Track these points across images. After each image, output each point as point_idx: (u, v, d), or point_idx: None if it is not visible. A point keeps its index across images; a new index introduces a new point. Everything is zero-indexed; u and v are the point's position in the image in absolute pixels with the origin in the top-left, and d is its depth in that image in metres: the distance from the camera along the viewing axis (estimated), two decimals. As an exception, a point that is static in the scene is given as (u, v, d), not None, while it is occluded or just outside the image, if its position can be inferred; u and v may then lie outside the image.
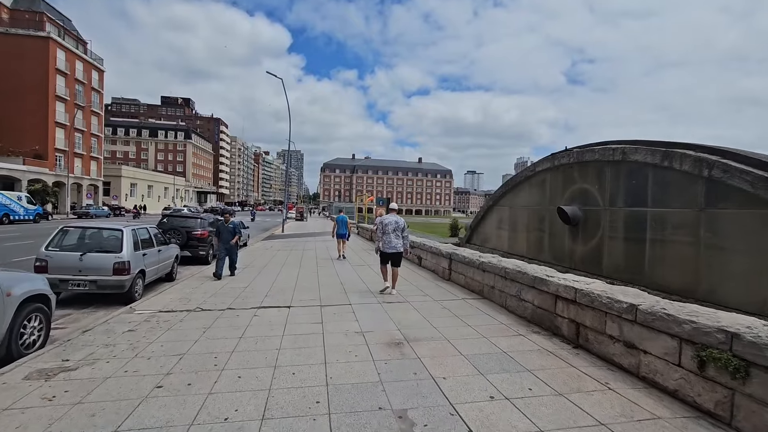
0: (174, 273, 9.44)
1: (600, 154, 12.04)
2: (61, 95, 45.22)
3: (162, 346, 4.58)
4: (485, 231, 19.51)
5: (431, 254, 10.67)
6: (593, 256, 12.19)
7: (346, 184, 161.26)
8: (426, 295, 7.56)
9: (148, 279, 7.81)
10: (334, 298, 7.32)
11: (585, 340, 4.58)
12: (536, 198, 15.48)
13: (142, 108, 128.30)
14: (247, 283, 8.78)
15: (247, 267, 11.48)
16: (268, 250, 16.66)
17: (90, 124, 51.11)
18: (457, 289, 8.23)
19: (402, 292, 7.78)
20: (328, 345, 4.64)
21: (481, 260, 7.37)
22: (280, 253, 15.12)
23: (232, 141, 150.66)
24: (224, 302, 6.89)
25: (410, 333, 5.13)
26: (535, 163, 15.42)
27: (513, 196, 17.05)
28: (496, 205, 18.43)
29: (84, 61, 49.41)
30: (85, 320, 6.22)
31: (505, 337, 5.02)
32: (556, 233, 14.16)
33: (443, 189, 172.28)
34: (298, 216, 53.61)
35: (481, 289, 7.43)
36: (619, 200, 11.45)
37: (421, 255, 11.70)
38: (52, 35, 43.43)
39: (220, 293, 7.68)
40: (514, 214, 16.84)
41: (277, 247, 18.07)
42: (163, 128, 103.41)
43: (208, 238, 12.26)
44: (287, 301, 7.03)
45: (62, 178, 43.90)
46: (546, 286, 5.27)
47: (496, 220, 18.42)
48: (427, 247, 10.95)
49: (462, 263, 8.34)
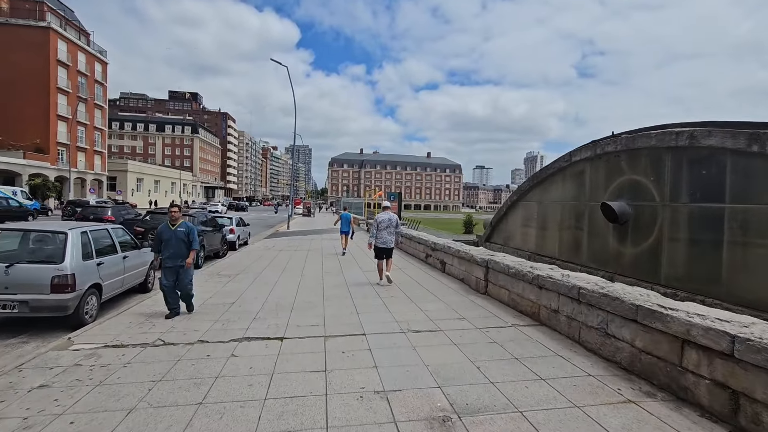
0: (150, 283, 7.81)
1: (657, 139, 10.10)
2: (63, 87, 44.01)
3: (72, 424, 2.89)
4: (508, 228, 17.64)
5: (459, 260, 8.88)
6: (647, 261, 10.33)
7: (354, 179, 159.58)
8: (462, 319, 5.79)
9: (108, 294, 6.16)
10: (343, 320, 5.60)
11: (753, 420, 2.79)
12: (572, 192, 13.58)
13: (150, 102, 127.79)
14: (235, 297, 7.10)
15: (242, 273, 9.83)
16: (269, 250, 15.02)
17: (93, 117, 49.96)
18: (500, 308, 6.44)
19: (431, 314, 6.03)
20: (333, 426, 2.91)
21: (536, 273, 5.56)
22: (282, 255, 13.46)
23: (240, 135, 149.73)
24: (198, 328, 5.21)
25: (458, 395, 3.38)
26: (571, 152, 13.49)
27: (542, 190, 15.15)
28: (522, 200, 16.54)
29: (86, 53, 48.14)
30: (5, 357, 4.58)
31: (606, 406, 3.24)
32: (598, 233, 12.30)
33: (452, 184, 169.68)
34: (305, 212, 52.36)
35: (536, 311, 5.64)
36: (683, 194, 9.55)
37: (445, 260, 9.91)
38: (52, 25, 42.14)
39: (199, 312, 6.02)
40: (544, 210, 14.96)
41: (279, 246, 16.43)
42: (170, 123, 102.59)
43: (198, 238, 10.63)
44: (281, 327, 5.32)
45: (64, 172, 42.81)
46: (662, 323, 3.47)
47: (521, 216, 16.54)
48: (453, 250, 9.16)
49: (505, 275, 6.54)
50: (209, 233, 11.85)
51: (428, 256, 11.57)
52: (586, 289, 4.51)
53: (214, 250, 12.75)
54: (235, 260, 12.18)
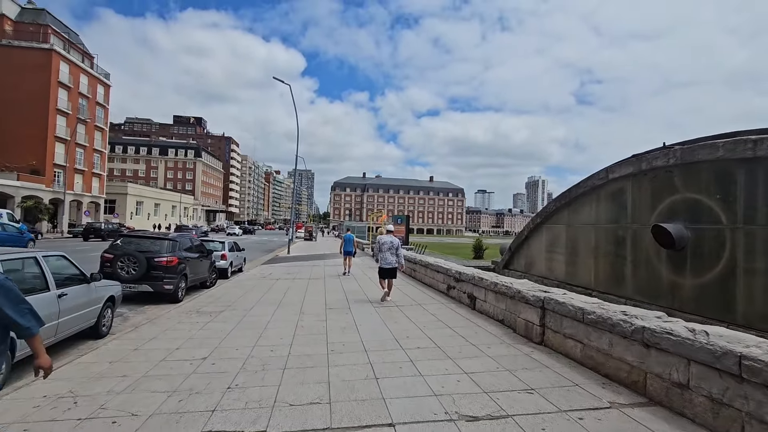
0: (103, 326, 6.05)
1: (727, 149, 8.49)
2: (63, 109, 43.36)
3: None
4: (531, 254, 15.89)
5: (496, 295, 7.11)
6: (715, 295, 8.57)
7: (356, 202, 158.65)
8: (530, 390, 3.98)
9: (23, 352, 4.38)
10: (357, 391, 3.81)
11: None
12: (609, 213, 11.96)
13: (154, 127, 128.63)
14: (211, 348, 5.34)
15: (228, 308, 8.08)
16: (265, 278, 13.26)
17: (93, 139, 49.18)
18: (573, 369, 4.62)
19: (480, 379, 4.23)
20: None
21: (638, 324, 3.79)
22: (278, 284, 11.71)
23: (243, 160, 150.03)
24: (140, 410, 3.45)
25: None
26: (608, 169, 11.90)
27: (572, 211, 13.50)
28: (547, 223, 14.87)
29: (89, 75, 47.85)
30: None
31: None
32: (645, 260, 10.59)
33: (455, 208, 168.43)
34: (306, 235, 50.87)
35: (638, 381, 3.86)
36: (762, 215, 7.90)
37: (475, 294, 8.13)
38: (55, 47, 41.89)
39: (151, 376, 4.27)
40: (574, 234, 13.27)
41: (277, 273, 14.68)
42: (173, 146, 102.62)
43: (177, 266, 8.95)
44: (265, 407, 3.54)
45: (60, 194, 41.56)
46: None
47: (546, 241, 14.84)
48: (488, 283, 7.40)
49: (575, 320, 4.78)
50: (193, 260, 10.17)
51: (451, 288, 9.81)
52: (757, 360, 2.78)
53: (200, 279, 11.01)
54: (224, 291, 10.44)
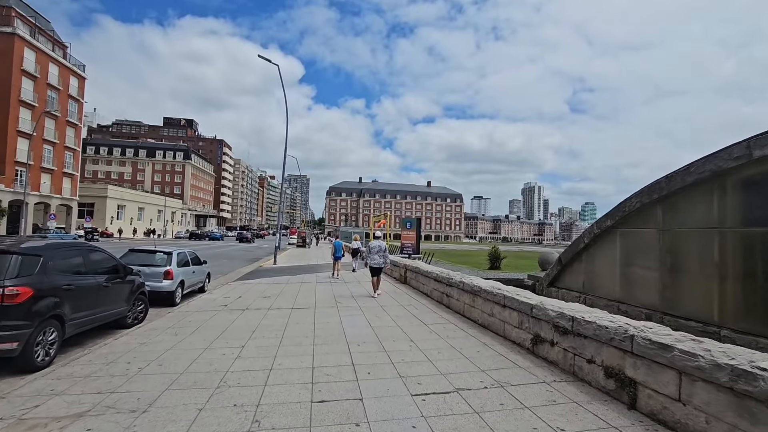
0: None
1: None
2: (27, 100, 39.00)
3: None
4: (593, 269, 11.75)
5: (648, 363, 2.95)
6: None
7: (352, 208, 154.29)
8: None
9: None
10: None
11: None
12: (747, 211, 7.86)
13: (144, 129, 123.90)
14: None
15: (111, 395, 3.86)
16: (225, 308, 9.02)
17: (65, 136, 44.72)
18: None
19: None
20: None
21: None
22: (241, 322, 7.49)
23: (236, 163, 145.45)
24: None
25: None
26: (749, 142, 7.60)
27: (670, 209, 9.32)
28: (623, 227, 10.73)
29: (60, 65, 43.51)
30: None
31: None
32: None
33: (453, 213, 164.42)
34: (299, 242, 46.64)
35: None
36: None
37: (577, 351, 3.97)
38: (19, 32, 37.64)
39: None
40: (674, 242, 9.13)
41: (249, 297, 10.45)
42: (162, 148, 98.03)
43: (26, 305, 4.76)
44: None
45: (22, 195, 37.01)
46: None
47: (621, 251, 10.69)
48: (636, 336, 3.25)
49: None
50: (86, 288, 5.93)
51: (542, 342, 5.66)
52: None
53: (104, 318, 6.61)
54: (141, 340, 6.20)
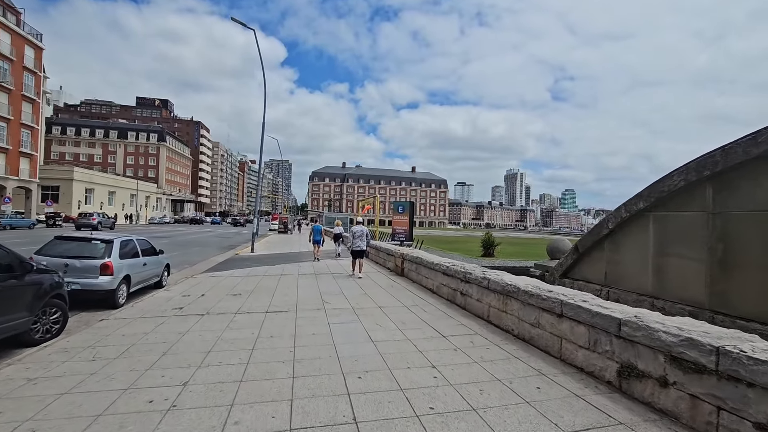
0: None
1: None
2: (-26, 71, 35.18)
3: None
4: (618, 259, 10.30)
5: None
6: None
7: (336, 193, 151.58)
8: None
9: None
10: None
11: None
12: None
13: (115, 109, 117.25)
14: None
15: None
16: (182, 312, 7.20)
17: (20, 112, 40.85)
18: None
19: None
20: None
21: None
22: (201, 329, 5.72)
23: (215, 146, 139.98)
24: None
25: None
26: None
27: (722, 188, 7.76)
28: (657, 210, 9.22)
29: (12, 33, 39.36)
30: None
31: None
32: None
33: (437, 199, 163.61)
34: (281, 228, 44.55)
35: None
36: None
37: (729, 406, 2.39)
38: (-39, -7, 33.60)
39: None
40: (733, 227, 7.57)
41: (213, 297, 8.61)
42: (134, 129, 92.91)
43: None
44: None
45: (-29, 177, 33.58)
46: None
47: (654, 238, 9.19)
48: None
49: None
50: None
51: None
52: None
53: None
54: (31, 374, 4.42)
